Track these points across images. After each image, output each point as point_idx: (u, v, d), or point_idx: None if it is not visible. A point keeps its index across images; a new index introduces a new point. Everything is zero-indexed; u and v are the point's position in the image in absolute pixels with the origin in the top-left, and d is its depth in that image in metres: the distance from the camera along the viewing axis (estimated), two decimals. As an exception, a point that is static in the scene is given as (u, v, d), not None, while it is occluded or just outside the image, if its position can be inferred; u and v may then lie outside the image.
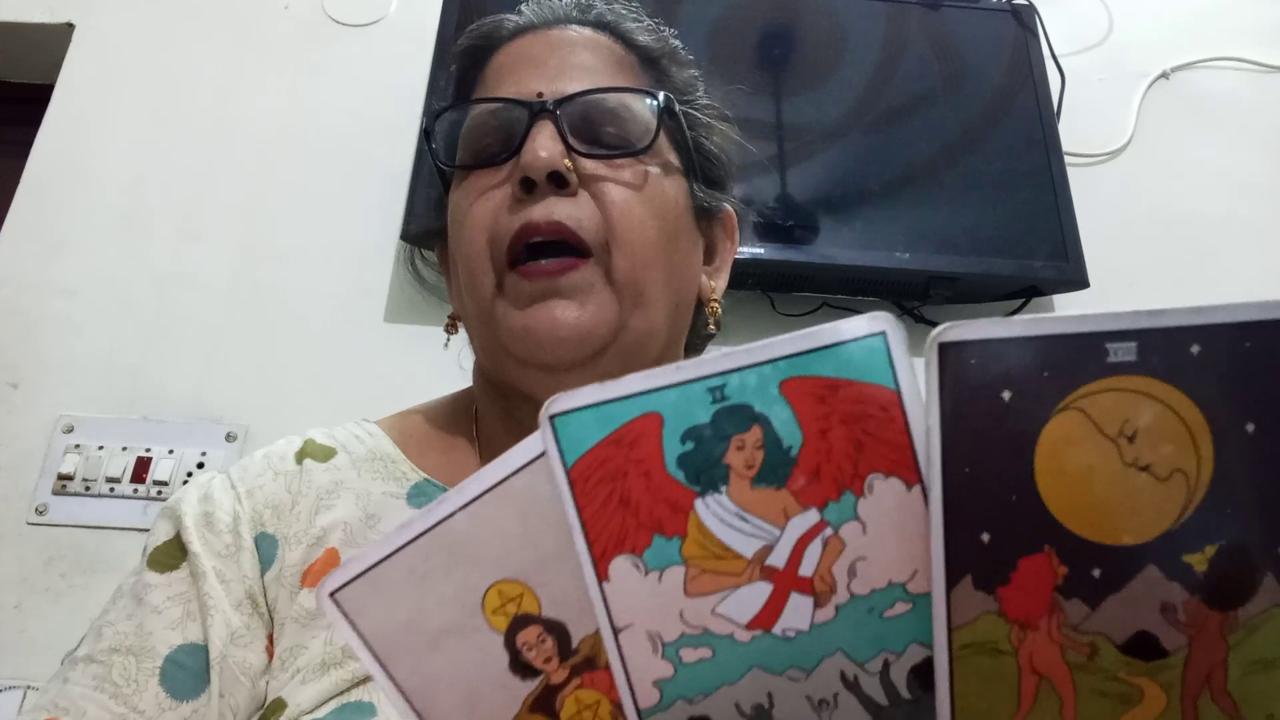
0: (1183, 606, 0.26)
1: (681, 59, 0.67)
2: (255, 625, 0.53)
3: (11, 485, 1.21)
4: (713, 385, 0.28)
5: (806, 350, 0.28)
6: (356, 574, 0.30)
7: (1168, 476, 0.26)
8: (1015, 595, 0.27)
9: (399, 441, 0.62)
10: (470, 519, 0.29)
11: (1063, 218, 1.35)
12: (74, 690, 0.49)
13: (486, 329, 0.58)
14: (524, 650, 0.30)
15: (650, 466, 0.28)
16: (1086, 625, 0.27)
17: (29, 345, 1.29)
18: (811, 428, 0.28)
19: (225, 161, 1.41)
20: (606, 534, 0.29)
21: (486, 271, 0.57)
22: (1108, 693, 0.27)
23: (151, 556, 0.55)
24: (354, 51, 1.50)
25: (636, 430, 0.28)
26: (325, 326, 1.32)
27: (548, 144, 0.55)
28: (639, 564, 0.28)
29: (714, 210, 0.66)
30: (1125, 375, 0.26)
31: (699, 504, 0.28)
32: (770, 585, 0.28)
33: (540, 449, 0.29)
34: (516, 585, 0.30)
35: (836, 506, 0.28)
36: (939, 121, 1.42)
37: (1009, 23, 1.52)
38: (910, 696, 0.28)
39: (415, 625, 0.30)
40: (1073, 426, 0.26)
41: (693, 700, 0.29)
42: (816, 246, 1.31)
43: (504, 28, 0.64)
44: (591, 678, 0.30)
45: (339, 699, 0.48)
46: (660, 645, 0.29)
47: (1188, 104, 1.58)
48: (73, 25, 1.50)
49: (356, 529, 0.55)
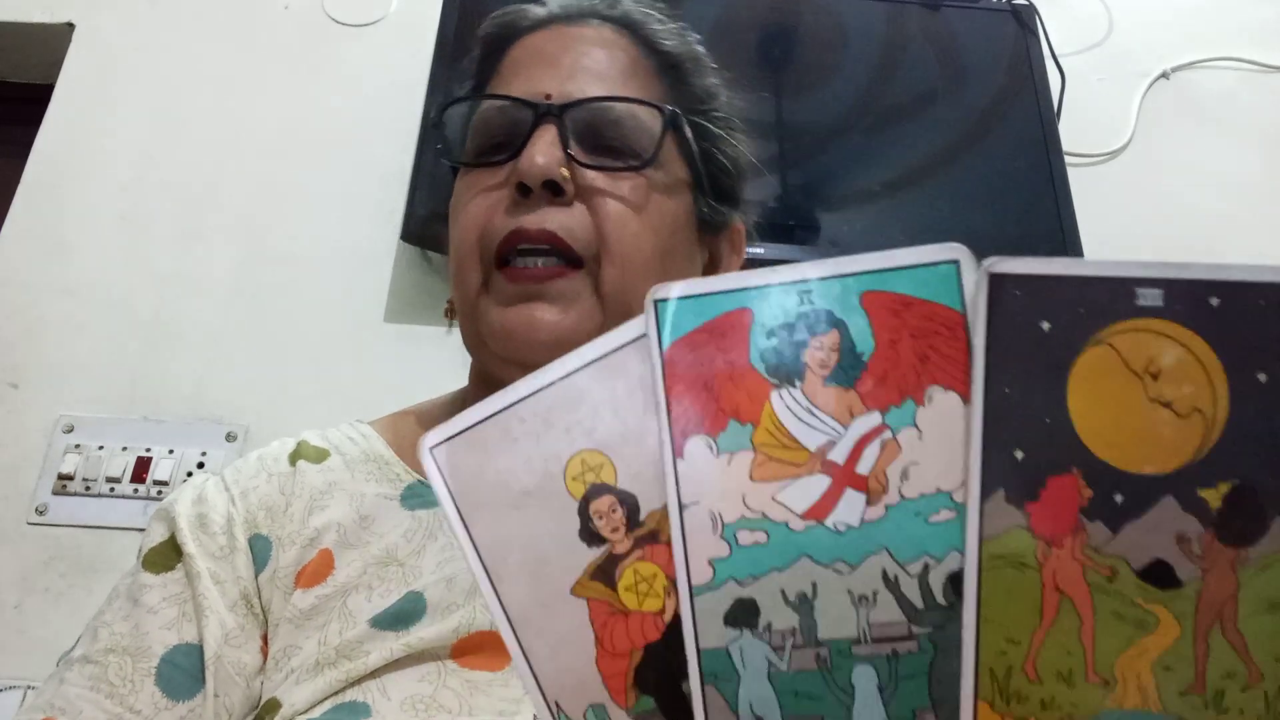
0: (1197, 539, 0.28)
1: (703, 66, 0.66)
2: (250, 626, 0.53)
3: (11, 485, 1.21)
4: (801, 289, 0.31)
5: (888, 268, 0.31)
6: (458, 431, 0.32)
7: (1187, 414, 0.28)
8: (1043, 511, 0.28)
9: (392, 443, 0.62)
10: (566, 389, 0.32)
11: (1063, 218, 1.35)
12: (70, 690, 0.50)
13: (470, 323, 0.58)
14: (595, 518, 0.31)
15: (735, 356, 0.31)
16: (1107, 548, 0.28)
17: (29, 345, 1.29)
18: (883, 337, 0.30)
19: (225, 161, 1.42)
20: (688, 414, 0.31)
21: (474, 269, 0.57)
22: (1125, 616, 0.28)
23: (146, 557, 0.55)
24: (354, 51, 1.50)
25: (728, 322, 0.31)
26: (325, 326, 1.32)
27: (547, 150, 0.55)
28: (712, 445, 0.30)
29: (719, 224, 0.65)
30: (1151, 318, 0.28)
31: (774, 395, 0.30)
32: (828, 478, 0.30)
33: (639, 332, 0.31)
34: (599, 455, 0.32)
35: (898, 412, 0.30)
36: (939, 121, 1.42)
37: (1009, 23, 1.52)
38: (945, 603, 0.29)
39: (501, 484, 0.32)
40: (1103, 360, 0.29)
41: (743, 582, 0.30)
42: (816, 246, 1.31)
43: (526, 18, 0.64)
44: (652, 550, 0.31)
45: (333, 699, 0.48)
46: (720, 525, 0.30)
47: (1188, 104, 1.57)
48: (73, 25, 1.50)
49: (350, 530, 0.55)
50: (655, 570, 0.31)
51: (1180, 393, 0.28)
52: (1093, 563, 0.28)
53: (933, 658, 0.29)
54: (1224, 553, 0.28)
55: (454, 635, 0.50)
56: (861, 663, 0.29)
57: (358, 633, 0.50)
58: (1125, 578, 0.28)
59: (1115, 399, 0.29)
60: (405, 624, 0.51)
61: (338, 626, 0.51)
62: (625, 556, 0.31)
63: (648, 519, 0.31)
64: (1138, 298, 0.28)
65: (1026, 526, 0.29)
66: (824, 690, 0.30)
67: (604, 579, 0.31)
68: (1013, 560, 0.29)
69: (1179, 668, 0.28)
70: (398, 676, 0.49)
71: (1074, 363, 0.29)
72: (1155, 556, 0.28)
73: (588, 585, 0.31)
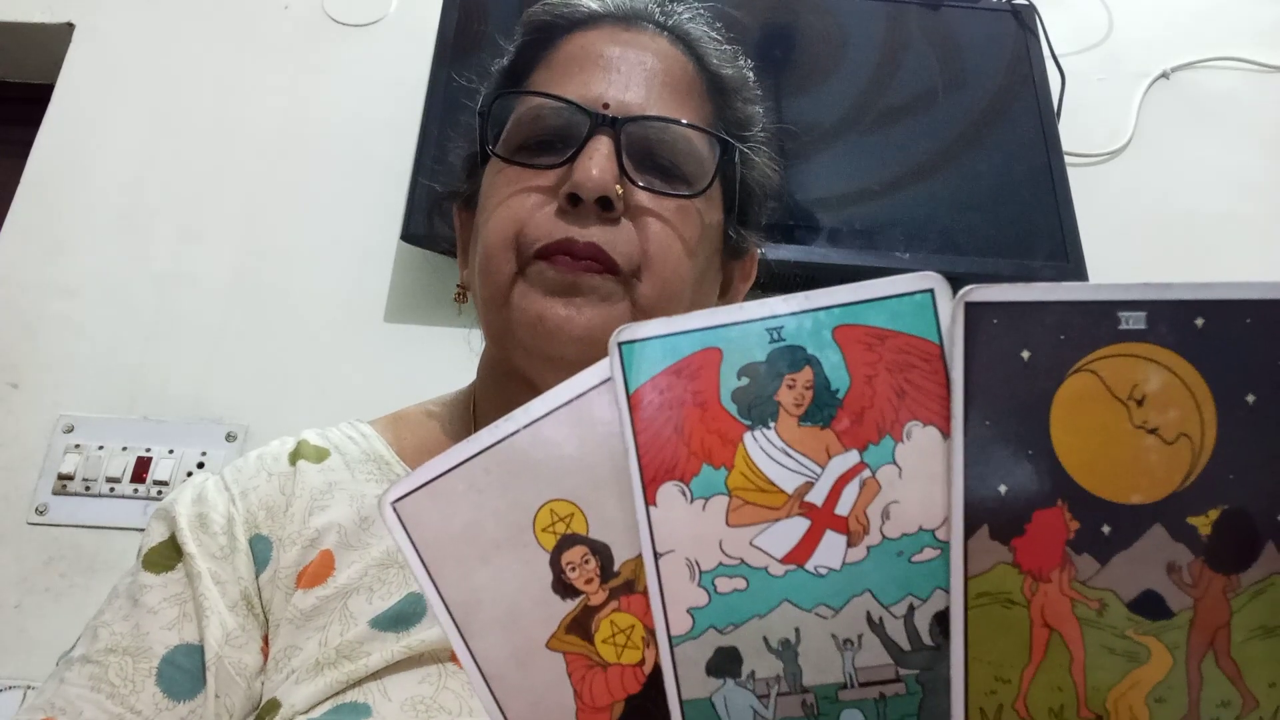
0: (1188, 568, 0.27)
1: (750, 94, 0.65)
2: (250, 626, 0.53)
3: (11, 485, 1.21)
4: (771, 326, 0.30)
5: (860, 300, 0.30)
6: (419, 485, 0.31)
7: (1174, 440, 0.28)
8: (1029, 546, 0.28)
9: (393, 443, 0.62)
10: (532, 437, 0.31)
11: (1063, 218, 1.35)
12: (70, 691, 0.49)
13: (498, 313, 0.57)
14: (567, 570, 0.31)
15: (706, 398, 0.30)
16: (1096, 581, 0.28)
17: (29, 345, 1.29)
18: (859, 373, 0.30)
19: (225, 161, 1.41)
20: (659, 459, 0.30)
21: (508, 261, 0.56)
22: (1116, 650, 0.28)
23: (146, 558, 0.55)
24: (354, 51, 1.50)
25: (697, 363, 0.30)
26: (325, 326, 1.32)
27: (603, 164, 0.54)
28: (686, 491, 0.30)
29: (741, 250, 0.65)
30: (1135, 342, 0.28)
31: (748, 437, 0.30)
32: (808, 521, 0.30)
33: (605, 375, 0.31)
34: (568, 505, 0.31)
35: (876, 449, 0.29)
36: (939, 121, 1.42)
37: (1009, 23, 1.52)
38: (932, 643, 0.29)
39: (468, 537, 0.31)
40: (1086, 387, 0.28)
41: (723, 630, 0.30)
42: (816, 246, 1.31)
43: (580, 10, 0.62)
44: (629, 601, 0.30)
45: (334, 700, 0.48)
46: (698, 573, 0.30)
47: (1188, 104, 1.57)
48: (73, 25, 1.50)
49: (351, 532, 0.55)
50: (633, 621, 0.30)
51: (1166, 418, 0.28)
52: (1082, 596, 0.28)
53: (921, 699, 0.29)
54: (1215, 580, 0.27)
55: (454, 637, 0.50)
56: (849, 708, 0.29)
57: (358, 633, 0.50)
58: (1115, 610, 0.28)
59: (1100, 427, 0.28)
60: (405, 625, 0.51)
61: (338, 627, 0.51)
62: (601, 608, 0.31)
63: (622, 569, 0.31)
64: (1120, 321, 0.28)
65: (1012, 562, 0.28)
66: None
67: (580, 632, 0.31)
68: (1000, 597, 0.28)
69: (1172, 699, 0.27)
70: (398, 678, 0.49)
71: (1056, 392, 0.28)
72: (1145, 587, 0.28)
73: (564, 639, 0.31)
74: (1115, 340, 0.28)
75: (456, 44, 1.39)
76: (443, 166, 1.14)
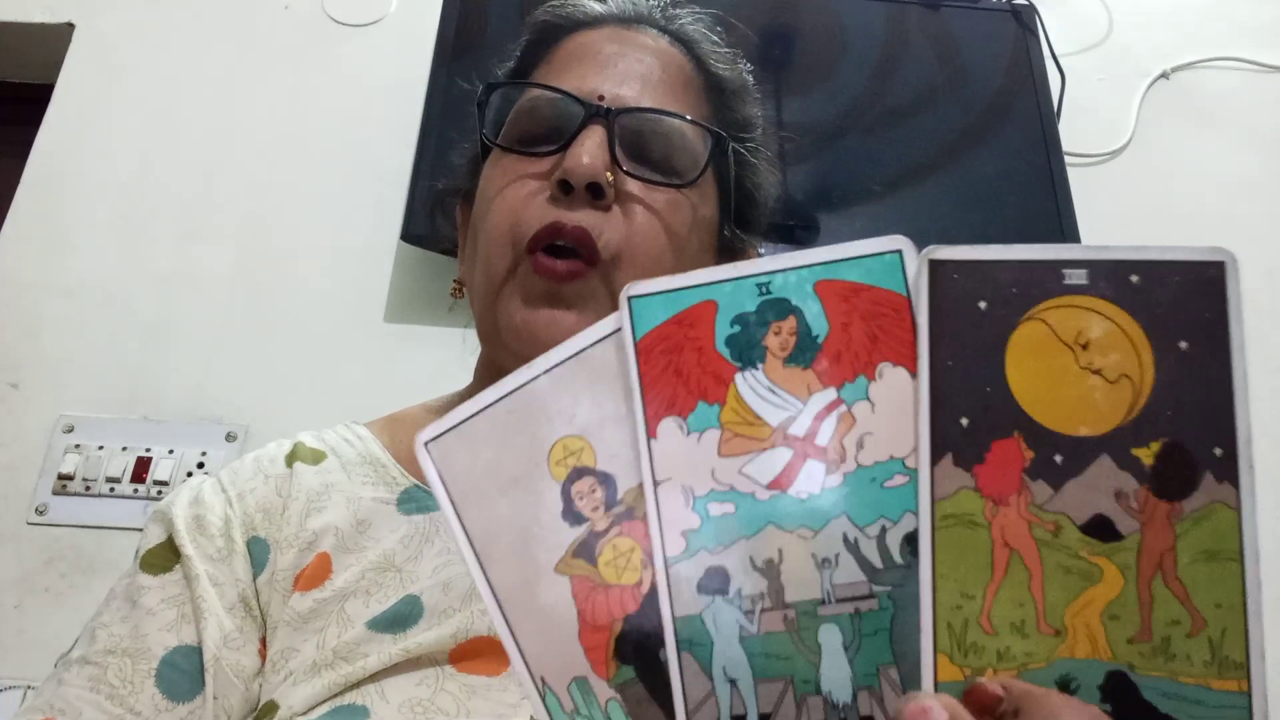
0: (1134, 495, 0.30)
1: (749, 96, 0.67)
2: (248, 628, 0.53)
3: (11, 485, 1.21)
4: (760, 281, 0.34)
5: (838, 259, 0.34)
6: (450, 426, 0.35)
7: (1116, 380, 0.31)
8: (989, 473, 0.31)
9: (389, 445, 0.62)
10: (550, 381, 0.35)
11: (1063, 218, 1.35)
12: (69, 691, 0.50)
13: (489, 313, 0.58)
14: (576, 499, 0.34)
15: (703, 344, 0.34)
16: (1050, 505, 0.31)
17: (29, 345, 1.29)
18: (836, 321, 0.34)
19: (225, 161, 1.41)
20: (660, 398, 0.34)
21: (504, 255, 0.57)
22: (1071, 569, 0.31)
23: (144, 559, 0.55)
24: (354, 51, 1.50)
25: (696, 314, 0.34)
26: (325, 326, 1.31)
27: (594, 152, 0.55)
28: (682, 425, 0.34)
29: (737, 250, 0.66)
30: (1078, 295, 0.31)
31: (738, 377, 0.34)
32: (790, 450, 0.33)
33: (614, 327, 0.35)
34: (579, 440, 0.35)
35: (852, 387, 0.33)
36: (939, 121, 1.41)
37: (1009, 23, 1.52)
38: (902, 562, 0.32)
39: (491, 473, 0.35)
40: (1036, 333, 0.32)
41: (713, 551, 0.33)
42: (816, 246, 1.30)
43: (583, 12, 0.64)
44: (629, 527, 0.34)
45: (332, 701, 0.48)
46: (692, 499, 0.33)
47: (1188, 104, 1.57)
48: (73, 25, 1.50)
49: (348, 535, 0.55)
50: (633, 544, 0.33)
51: (1109, 360, 0.31)
52: (1038, 519, 0.31)
53: (893, 614, 0.32)
54: (1160, 507, 0.30)
55: (452, 640, 0.50)
56: (827, 622, 0.32)
57: (355, 635, 0.50)
58: (1069, 532, 0.31)
59: (1050, 368, 0.31)
60: (402, 626, 0.51)
61: (336, 630, 0.51)
62: (605, 533, 0.34)
63: (625, 497, 0.34)
64: (1065, 277, 0.32)
65: (975, 487, 0.31)
66: (793, 650, 0.32)
67: (585, 556, 0.34)
68: (964, 519, 0.31)
69: (1125, 616, 0.30)
70: (396, 680, 0.49)
71: (1010, 337, 0.32)
72: (1096, 512, 0.30)
73: (570, 563, 0.34)
74: (1061, 294, 0.32)
75: (456, 44, 1.39)
76: (443, 166, 1.14)
